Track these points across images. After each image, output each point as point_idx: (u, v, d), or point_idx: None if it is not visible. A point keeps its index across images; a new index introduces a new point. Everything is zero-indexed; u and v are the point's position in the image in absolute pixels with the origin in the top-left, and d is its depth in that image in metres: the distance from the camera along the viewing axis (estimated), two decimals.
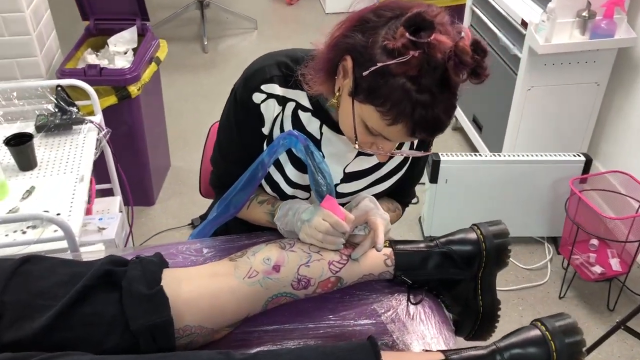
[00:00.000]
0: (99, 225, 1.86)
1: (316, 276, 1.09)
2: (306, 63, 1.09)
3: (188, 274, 1.07)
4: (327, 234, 1.08)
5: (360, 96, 0.97)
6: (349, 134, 1.05)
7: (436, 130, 0.96)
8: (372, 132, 1.00)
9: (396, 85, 0.91)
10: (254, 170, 1.13)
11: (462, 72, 0.92)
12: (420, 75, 0.91)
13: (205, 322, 1.02)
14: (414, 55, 0.89)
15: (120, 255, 1.26)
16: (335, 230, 1.08)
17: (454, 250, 1.17)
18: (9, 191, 1.59)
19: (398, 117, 0.93)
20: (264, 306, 1.08)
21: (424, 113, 0.92)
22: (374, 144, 1.05)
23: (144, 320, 0.95)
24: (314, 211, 1.10)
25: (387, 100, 0.93)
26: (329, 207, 1.09)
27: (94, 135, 1.82)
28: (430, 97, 0.92)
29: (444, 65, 0.91)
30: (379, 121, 0.96)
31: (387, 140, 1.02)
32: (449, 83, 0.92)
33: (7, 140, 1.65)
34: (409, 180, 1.34)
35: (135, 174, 2.59)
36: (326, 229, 1.08)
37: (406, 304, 1.16)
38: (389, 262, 1.16)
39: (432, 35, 0.89)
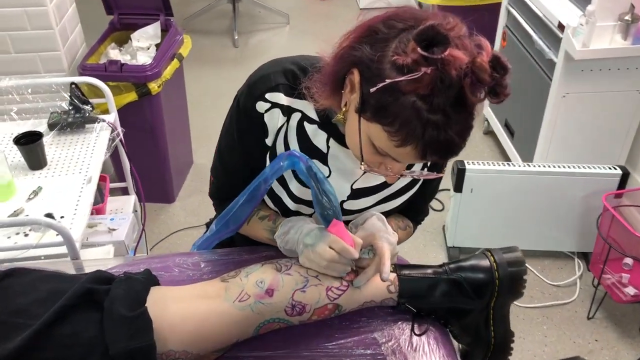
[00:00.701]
0: (109, 226, 1.83)
1: (312, 302, 1.02)
2: (311, 75, 1.02)
3: (176, 293, 1.01)
4: (332, 262, 1.01)
5: (368, 113, 0.89)
6: (356, 153, 0.97)
7: (449, 153, 0.88)
8: (380, 152, 0.93)
9: (406, 104, 0.83)
10: (256, 187, 1.06)
11: (480, 90, 0.83)
12: (432, 94, 0.83)
13: (191, 347, 0.97)
14: (426, 72, 0.81)
15: (116, 265, 1.23)
16: (342, 257, 1.01)
17: (464, 277, 1.09)
18: (16, 191, 1.57)
19: (407, 138, 0.86)
20: (255, 331, 1.02)
21: (436, 135, 0.84)
22: (382, 164, 0.97)
23: (124, 344, 0.90)
24: (319, 236, 1.03)
25: (395, 119, 0.85)
26: (336, 232, 1.01)
27: (107, 135, 1.79)
28: (443, 118, 0.84)
29: (460, 83, 0.82)
30: (387, 141, 0.88)
31: (396, 161, 0.94)
32: (465, 102, 0.84)
33: (17, 139, 1.63)
34: (422, 198, 1.25)
35: (155, 171, 2.57)
36: (332, 257, 1.00)
37: (409, 334, 1.08)
38: (392, 289, 1.08)
39: (447, 50, 0.81)
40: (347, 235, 1.01)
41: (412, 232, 1.31)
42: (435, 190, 1.29)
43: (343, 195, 1.14)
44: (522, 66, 2.54)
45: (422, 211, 1.32)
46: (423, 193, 1.23)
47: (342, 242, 1.00)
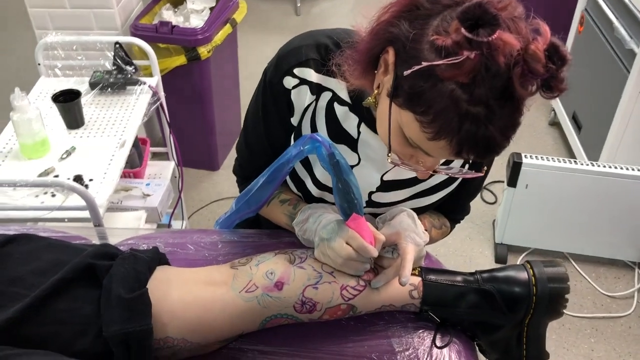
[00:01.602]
0: (144, 191, 1.81)
1: (324, 301, 0.94)
2: (343, 50, 0.92)
3: (181, 277, 0.95)
4: (348, 259, 0.92)
5: (400, 99, 0.79)
6: (385, 142, 0.87)
7: (488, 152, 0.76)
8: (411, 144, 0.83)
9: (443, 92, 0.72)
10: (277, 168, 0.97)
11: (531, 83, 0.71)
12: (474, 83, 0.71)
13: (191, 336, 0.91)
14: (469, 57, 0.70)
15: (134, 237, 1.18)
16: (359, 255, 0.92)
17: (498, 289, 0.98)
18: (50, 149, 1.55)
19: (441, 131, 0.75)
20: (261, 325, 0.95)
21: (475, 130, 0.73)
22: (413, 157, 0.86)
23: (118, 327, 0.85)
24: (336, 230, 0.94)
25: (430, 108, 0.74)
26: (355, 227, 0.92)
27: (147, 99, 1.75)
28: (485, 111, 0.72)
29: (508, 73, 0.70)
30: (419, 133, 0.78)
31: (429, 156, 0.83)
32: (512, 95, 0.72)
33: (56, 97, 1.60)
34: (463, 196, 1.14)
35: (200, 138, 2.54)
36: (348, 254, 0.92)
37: (430, 345, 0.98)
38: (415, 294, 0.98)
39: (495, 33, 0.69)
40: (367, 232, 0.92)
41: (448, 232, 1.21)
42: (478, 187, 1.17)
43: (372, 186, 1.04)
44: (598, 55, 2.33)
45: (462, 209, 1.21)
46: (464, 190, 1.12)
47: (360, 239, 0.91)
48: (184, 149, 2.39)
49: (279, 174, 0.98)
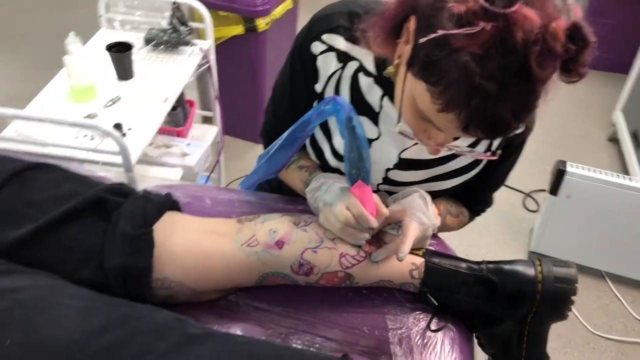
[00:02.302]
0: (184, 150, 1.85)
1: (321, 265, 0.94)
2: (370, 17, 0.91)
3: (188, 224, 0.97)
4: (346, 225, 0.92)
5: (415, 68, 0.77)
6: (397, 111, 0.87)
7: (495, 131, 0.74)
8: (423, 117, 0.81)
9: (457, 63, 0.70)
10: (296, 129, 0.98)
11: (549, 63, 0.69)
12: (487, 56, 0.69)
13: (187, 281, 0.93)
14: (485, 28, 0.68)
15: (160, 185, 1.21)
16: (358, 223, 0.91)
17: (501, 281, 0.95)
18: (97, 95, 1.61)
19: (451, 103, 0.73)
20: (258, 281, 0.96)
21: (483, 106, 0.71)
22: (426, 132, 0.85)
23: (119, 260, 0.88)
24: (339, 195, 0.94)
25: (442, 78, 0.73)
26: (358, 195, 0.92)
27: (196, 60, 1.79)
28: (496, 87, 0.70)
29: (526, 50, 0.68)
30: (430, 104, 0.76)
31: (440, 131, 0.82)
32: (529, 74, 0.69)
33: (110, 47, 1.66)
34: (484, 185, 1.12)
35: (250, 108, 2.57)
36: (346, 219, 0.91)
37: (425, 327, 0.97)
38: (416, 274, 0.97)
39: (514, 6, 0.67)
40: (370, 202, 0.91)
41: (466, 221, 1.18)
42: (501, 179, 1.14)
43: (389, 162, 1.03)
44: None
45: (483, 200, 1.18)
46: (486, 179, 1.09)
47: (361, 207, 0.90)
48: (233, 119, 2.44)
49: (299, 134, 0.99)
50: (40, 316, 0.78)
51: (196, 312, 0.96)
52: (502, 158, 1.05)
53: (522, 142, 1.04)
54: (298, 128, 0.99)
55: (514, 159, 1.08)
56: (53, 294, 0.82)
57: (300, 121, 0.98)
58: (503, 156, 1.04)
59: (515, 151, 1.05)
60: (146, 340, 0.78)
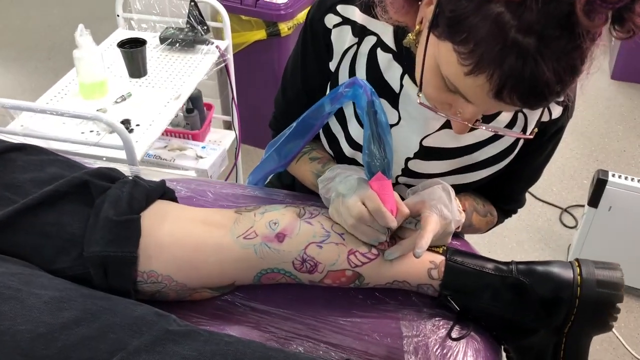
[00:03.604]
0: (198, 153, 1.78)
1: (327, 262, 0.83)
2: None
3: (180, 212, 0.88)
4: (359, 222, 0.81)
5: (439, 29, 0.67)
6: (417, 80, 0.76)
7: (534, 95, 0.63)
8: (448, 87, 0.71)
9: (488, 15, 0.61)
10: (309, 115, 0.88)
11: (598, 12, 0.58)
12: (525, 5, 0.59)
13: (177, 275, 0.83)
14: None
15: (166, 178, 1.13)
16: (374, 220, 0.80)
17: (534, 285, 0.83)
18: (108, 92, 1.55)
19: (481, 62, 0.63)
20: (256, 279, 0.86)
21: (520, 64, 0.61)
22: (452, 106, 0.74)
23: (99, 248, 0.79)
24: (355, 187, 0.83)
25: (470, 34, 0.63)
26: (377, 189, 0.81)
27: (212, 59, 1.72)
28: (535, 42, 0.60)
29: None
30: (456, 66, 0.66)
31: (467, 102, 0.71)
32: (573, 27, 0.59)
33: (122, 43, 1.60)
34: (516, 180, 1.00)
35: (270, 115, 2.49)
36: (360, 214, 0.80)
37: (445, 336, 0.85)
38: (435, 274, 0.85)
39: None
40: (390, 198, 0.80)
41: (494, 222, 1.06)
42: (536, 172, 1.01)
43: (409, 151, 0.92)
44: None
45: (515, 199, 1.06)
46: (518, 172, 0.97)
47: (378, 202, 0.79)
48: (253, 127, 2.37)
49: (313, 121, 0.89)
50: (4, 306, 0.70)
51: (186, 312, 0.86)
52: (537, 147, 0.94)
53: (560, 129, 0.92)
54: (311, 114, 0.89)
55: (551, 149, 0.96)
56: (23, 282, 0.73)
57: (314, 107, 0.88)
58: (538, 145, 0.93)
59: (552, 139, 0.93)
60: (119, 336, 0.68)
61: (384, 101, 0.90)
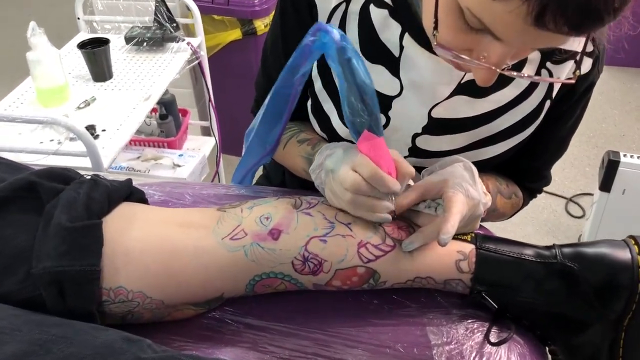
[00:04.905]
0: (175, 161, 1.62)
1: (334, 259, 0.68)
2: None
3: (150, 214, 0.72)
4: (357, 194, 0.66)
5: None
6: (428, 24, 0.62)
7: (587, 11, 0.49)
8: (470, 24, 0.57)
9: None
10: (282, 83, 0.73)
11: None
12: None
13: (151, 291, 0.67)
14: None
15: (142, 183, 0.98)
16: (372, 187, 0.66)
17: (584, 271, 0.69)
18: (69, 98, 1.39)
19: None
20: (248, 288, 0.70)
21: None
22: (473, 51, 0.60)
23: (52, 262, 0.63)
24: (343, 157, 0.69)
25: None
26: (368, 151, 0.66)
27: (183, 57, 1.57)
28: None
29: None
30: None
31: (495, 40, 0.56)
32: None
33: (83, 44, 1.45)
34: (540, 154, 0.86)
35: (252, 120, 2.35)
36: (354, 183, 0.65)
37: (482, 340, 0.70)
38: (464, 266, 0.71)
39: None
40: (384, 157, 0.65)
41: (520, 204, 0.92)
42: (563, 142, 0.87)
43: (417, 125, 0.78)
44: None
45: (541, 175, 0.92)
46: (543, 144, 0.84)
47: (372, 165, 0.64)
48: (233, 135, 2.21)
49: (287, 89, 0.74)
50: None
51: (166, 335, 0.70)
52: (564, 110, 0.80)
53: (590, 87, 0.79)
54: (283, 83, 0.74)
55: (580, 113, 0.83)
56: None
57: (283, 73, 0.73)
58: (566, 107, 0.80)
59: (581, 100, 0.80)
60: None
61: (382, 68, 0.76)
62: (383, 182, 0.64)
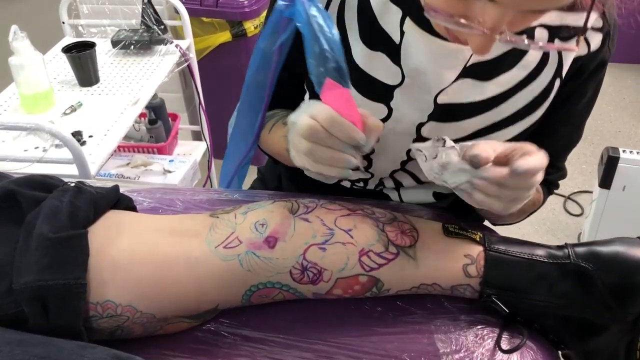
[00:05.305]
0: (165, 167, 1.58)
1: (334, 268, 0.64)
2: None
3: (139, 222, 0.68)
4: (315, 142, 0.60)
5: None
6: None
7: None
8: None
9: None
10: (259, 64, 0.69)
11: None
12: None
13: (141, 304, 0.63)
14: None
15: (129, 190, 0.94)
16: (331, 136, 0.59)
17: (600, 271, 0.65)
18: (55, 103, 1.35)
19: None
20: (244, 298, 0.66)
21: None
22: (467, 16, 0.55)
23: (34, 276, 0.59)
24: (305, 108, 0.63)
25: None
26: (331, 100, 0.60)
27: (172, 60, 1.53)
28: None
29: None
30: None
31: (488, 2, 0.52)
32: None
33: (68, 48, 1.41)
34: (553, 140, 0.81)
35: None
36: (310, 130, 0.59)
37: (493, 347, 0.66)
38: (472, 270, 0.67)
39: None
40: (348, 107, 0.60)
41: (541, 200, 0.85)
42: (577, 128, 0.82)
43: (423, 113, 0.74)
44: None
45: (556, 164, 0.86)
46: (556, 128, 0.79)
47: (331, 110, 0.59)
48: (225, 140, 2.17)
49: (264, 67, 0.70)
50: None
51: (159, 350, 0.66)
52: (575, 89, 0.76)
53: (602, 65, 0.74)
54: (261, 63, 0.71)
55: (592, 94, 0.78)
56: None
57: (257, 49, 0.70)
58: (576, 86, 0.75)
59: (592, 78, 0.75)
60: None
61: (383, 56, 0.72)
62: (342, 127, 0.58)
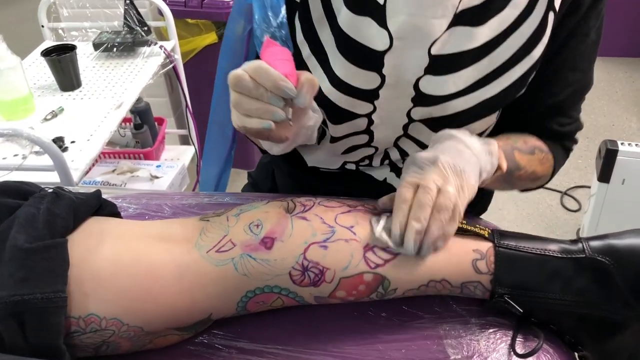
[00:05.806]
0: (153, 172, 1.53)
1: (337, 267, 0.60)
2: None
3: (123, 229, 0.63)
4: (242, 93, 0.56)
5: None
6: None
7: None
8: None
9: None
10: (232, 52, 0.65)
11: None
12: None
13: (127, 316, 0.58)
14: None
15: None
16: (258, 85, 0.55)
17: (617, 265, 0.61)
18: (35, 109, 1.29)
19: None
20: (240, 306, 0.62)
21: None
22: None
23: (8, 291, 0.54)
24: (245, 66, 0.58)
25: None
26: (267, 57, 0.57)
27: (157, 62, 1.48)
28: None
29: None
30: None
31: None
32: None
33: (47, 52, 1.35)
34: (560, 85, 0.75)
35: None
36: (236, 79, 0.55)
37: (507, 351, 0.62)
38: (482, 266, 0.63)
39: None
40: (284, 62, 0.57)
41: (551, 160, 0.79)
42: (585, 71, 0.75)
43: (417, 69, 0.68)
44: None
45: (566, 114, 0.79)
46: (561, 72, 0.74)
47: (260, 62, 0.55)
48: None
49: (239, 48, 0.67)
50: None
51: None
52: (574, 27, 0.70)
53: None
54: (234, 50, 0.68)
55: (595, 37, 0.72)
56: None
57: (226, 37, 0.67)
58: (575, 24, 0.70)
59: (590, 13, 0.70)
60: None
61: (369, 20, 0.67)
62: (268, 75, 0.54)
